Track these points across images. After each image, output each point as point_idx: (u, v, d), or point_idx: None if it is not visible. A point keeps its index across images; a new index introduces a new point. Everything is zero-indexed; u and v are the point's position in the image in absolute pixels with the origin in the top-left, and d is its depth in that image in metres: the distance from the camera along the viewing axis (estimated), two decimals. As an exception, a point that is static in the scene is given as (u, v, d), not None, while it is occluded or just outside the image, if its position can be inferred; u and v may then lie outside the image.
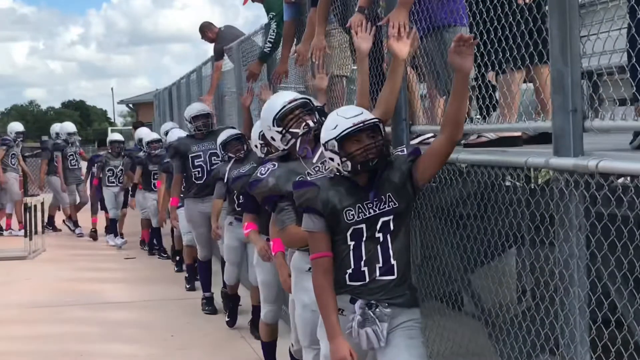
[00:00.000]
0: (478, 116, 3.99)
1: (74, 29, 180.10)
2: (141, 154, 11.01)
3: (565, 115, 2.85)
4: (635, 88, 2.72)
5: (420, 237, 4.33)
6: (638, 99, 2.72)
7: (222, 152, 6.54)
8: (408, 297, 3.28)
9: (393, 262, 3.22)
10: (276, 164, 4.01)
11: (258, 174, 4.01)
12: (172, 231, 9.82)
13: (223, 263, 7.10)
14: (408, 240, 3.35)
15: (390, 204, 3.21)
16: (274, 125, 4.03)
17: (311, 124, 3.95)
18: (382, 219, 3.21)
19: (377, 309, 3.18)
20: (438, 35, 4.10)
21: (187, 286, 8.71)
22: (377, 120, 3.28)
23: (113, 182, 12.11)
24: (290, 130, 3.97)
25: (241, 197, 5.96)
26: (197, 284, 8.24)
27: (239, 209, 6.06)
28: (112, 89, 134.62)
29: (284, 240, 4.10)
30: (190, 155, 7.40)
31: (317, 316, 3.74)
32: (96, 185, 12.40)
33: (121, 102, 37.07)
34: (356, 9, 4.48)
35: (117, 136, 12.80)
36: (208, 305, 7.60)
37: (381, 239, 3.22)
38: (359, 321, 3.18)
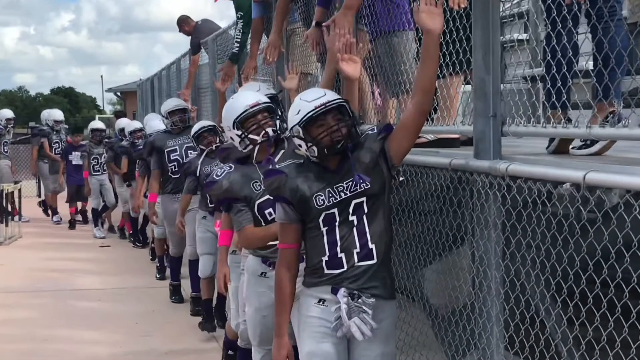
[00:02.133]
0: None
1: (65, 15, 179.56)
2: (124, 143, 11.05)
3: (485, 120, 3.02)
4: (545, 97, 2.88)
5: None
6: (547, 106, 2.88)
7: (195, 145, 6.64)
8: (389, 287, 3.16)
9: (371, 245, 3.07)
10: (232, 166, 4.02)
11: (214, 175, 4.01)
12: None
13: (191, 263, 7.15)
14: (388, 223, 3.19)
15: (361, 185, 3.07)
16: (234, 128, 4.02)
17: (271, 132, 3.93)
18: (354, 201, 3.08)
19: (360, 299, 3.06)
20: (387, 39, 4.25)
21: (158, 276, 8.89)
22: (341, 100, 3.15)
23: (98, 171, 12.15)
24: (250, 136, 3.98)
25: None
26: (168, 273, 8.37)
27: (212, 205, 6.12)
28: (101, 76, 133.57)
29: (241, 241, 4.11)
30: (166, 150, 7.42)
31: (267, 320, 3.83)
32: (86, 177, 12.31)
33: (109, 90, 36.73)
34: (313, 23, 4.55)
35: (99, 124, 12.89)
36: (175, 294, 7.78)
37: (356, 222, 3.08)
38: (346, 311, 3.06)
